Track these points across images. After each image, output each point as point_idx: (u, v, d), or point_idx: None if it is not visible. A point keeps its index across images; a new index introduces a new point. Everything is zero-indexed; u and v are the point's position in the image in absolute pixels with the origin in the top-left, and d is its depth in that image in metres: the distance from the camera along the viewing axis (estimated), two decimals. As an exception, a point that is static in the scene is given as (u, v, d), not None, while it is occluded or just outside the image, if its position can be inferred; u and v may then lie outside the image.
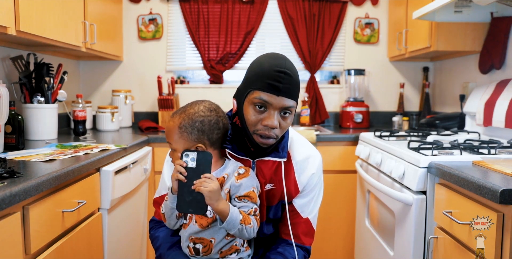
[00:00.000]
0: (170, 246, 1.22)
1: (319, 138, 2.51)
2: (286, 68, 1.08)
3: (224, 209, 1.05)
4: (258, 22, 3.02)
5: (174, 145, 1.12)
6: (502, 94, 2.04)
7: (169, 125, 1.12)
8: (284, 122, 1.12)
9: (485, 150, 1.67)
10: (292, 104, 1.10)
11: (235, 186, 1.11)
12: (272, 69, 1.08)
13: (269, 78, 1.07)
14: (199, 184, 1.03)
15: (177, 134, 1.10)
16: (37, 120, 2.07)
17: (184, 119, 1.10)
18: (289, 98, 1.09)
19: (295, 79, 1.10)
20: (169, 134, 1.13)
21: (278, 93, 1.07)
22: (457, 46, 2.37)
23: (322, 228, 2.60)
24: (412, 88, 3.17)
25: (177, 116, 1.12)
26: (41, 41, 1.85)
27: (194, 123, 1.10)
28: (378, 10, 3.10)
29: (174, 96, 2.86)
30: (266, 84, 1.07)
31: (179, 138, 1.10)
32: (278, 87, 1.07)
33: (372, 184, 1.94)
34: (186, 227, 1.15)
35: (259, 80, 1.09)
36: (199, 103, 1.14)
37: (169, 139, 1.13)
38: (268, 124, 1.09)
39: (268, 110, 1.10)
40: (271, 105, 1.09)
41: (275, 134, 1.12)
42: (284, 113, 1.11)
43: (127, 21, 3.04)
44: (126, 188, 1.90)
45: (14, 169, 1.23)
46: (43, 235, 1.25)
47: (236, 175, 1.12)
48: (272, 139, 1.12)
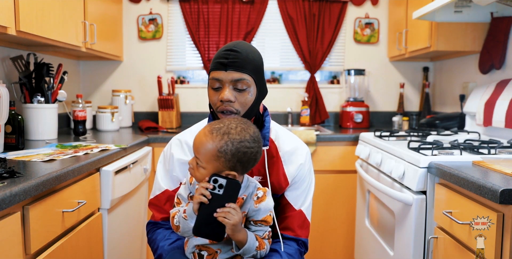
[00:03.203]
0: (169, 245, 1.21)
1: (319, 138, 2.51)
2: (234, 47, 1.15)
3: (243, 239, 1.04)
4: (258, 22, 3.02)
5: (204, 164, 1.03)
6: (502, 94, 2.04)
7: (206, 142, 1.02)
8: (242, 97, 1.15)
9: (485, 150, 1.68)
10: (240, 77, 1.13)
11: (253, 210, 1.08)
12: (221, 51, 1.16)
13: (217, 57, 1.16)
14: (223, 214, 0.99)
15: (214, 156, 1.02)
16: (37, 120, 2.08)
17: (228, 144, 1.02)
18: (238, 71, 1.13)
19: (244, 54, 1.14)
20: (202, 152, 1.03)
21: (225, 68, 1.13)
22: (457, 46, 2.36)
23: (322, 228, 2.60)
24: (412, 88, 3.17)
25: (219, 137, 1.02)
26: (41, 41, 1.85)
27: (237, 152, 1.03)
28: (378, 10, 3.10)
29: (174, 96, 2.86)
30: (215, 63, 1.15)
31: (213, 161, 1.02)
32: (224, 62, 1.13)
33: (372, 184, 1.94)
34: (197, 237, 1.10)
35: (212, 63, 1.18)
36: (245, 129, 1.05)
37: (199, 155, 1.04)
38: (223, 98, 1.13)
39: (223, 87, 1.15)
40: (223, 81, 1.14)
41: (235, 108, 1.15)
42: (239, 88, 1.14)
43: (127, 21, 3.04)
44: (126, 188, 1.90)
45: (14, 169, 1.23)
46: (43, 235, 1.25)
47: (256, 199, 1.08)
48: (232, 113, 1.16)
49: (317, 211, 2.58)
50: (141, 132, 2.60)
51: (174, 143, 1.29)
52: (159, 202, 1.28)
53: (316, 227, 2.59)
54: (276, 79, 3.20)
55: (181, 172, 1.25)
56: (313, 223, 2.57)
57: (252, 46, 1.21)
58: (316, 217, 2.58)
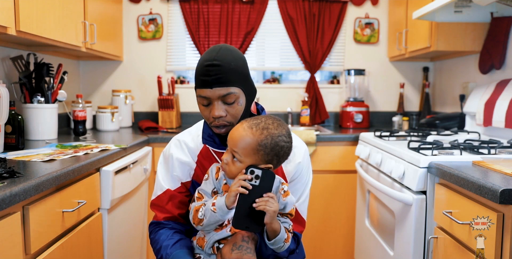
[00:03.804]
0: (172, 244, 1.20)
1: (319, 138, 2.51)
2: (214, 60, 1.11)
3: (277, 229, 1.07)
4: (258, 22, 3.02)
5: (243, 158, 1.06)
6: (502, 94, 2.04)
7: (246, 136, 1.06)
8: (232, 109, 1.15)
9: (485, 150, 1.67)
10: (227, 92, 1.12)
11: (281, 203, 1.11)
12: (202, 65, 1.13)
13: (200, 74, 1.13)
14: (264, 203, 1.01)
15: (253, 150, 1.06)
16: (37, 120, 2.08)
17: (268, 138, 1.06)
18: (224, 86, 1.12)
19: (226, 66, 1.11)
20: (242, 146, 1.06)
21: (210, 86, 1.11)
22: (457, 46, 2.36)
23: (322, 228, 2.60)
24: (412, 88, 3.17)
25: (259, 131, 1.06)
26: (41, 41, 1.85)
27: (276, 146, 1.07)
28: (378, 10, 3.10)
29: (174, 96, 2.86)
30: (199, 81, 1.13)
31: (253, 154, 1.06)
32: (207, 81, 1.11)
33: (372, 184, 1.95)
34: (218, 231, 1.12)
35: (195, 78, 1.15)
36: (281, 125, 1.10)
37: (238, 149, 1.06)
38: (214, 115, 1.13)
39: (212, 103, 1.14)
40: (211, 98, 1.13)
41: (227, 121, 1.15)
42: (228, 102, 1.14)
43: (127, 21, 3.04)
44: (126, 188, 1.90)
45: (14, 169, 1.23)
46: (43, 235, 1.25)
47: (282, 193, 1.11)
48: (225, 127, 1.16)
49: (317, 211, 2.58)
50: (141, 132, 2.60)
51: (174, 144, 1.29)
52: (161, 202, 1.27)
53: (316, 227, 2.59)
54: (276, 79, 3.20)
55: (181, 171, 1.26)
56: (313, 223, 2.57)
57: (232, 49, 1.16)
58: (316, 217, 2.58)
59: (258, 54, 3.14)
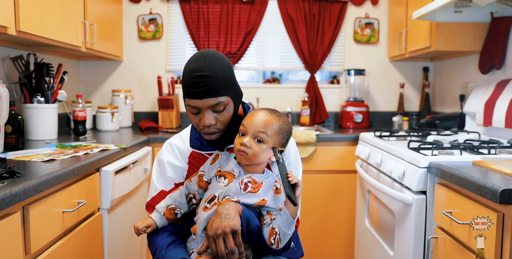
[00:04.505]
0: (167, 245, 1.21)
1: (319, 138, 2.51)
2: (202, 71, 1.13)
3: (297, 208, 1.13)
4: (258, 22, 3.02)
5: (269, 138, 1.15)
6: (502, 94, 2.04)
7: (271, 119, 1.16)
8: (222, 116, 1.19)
9: (485, 150, 1.68)
10: (217, 101, 1.15)
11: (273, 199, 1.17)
12: (190, 76, 1.14)
13: (189, 85, 1.15)
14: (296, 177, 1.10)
15: (277, 131, 1.16)
16: (37, 120, 2.08)
17: (285, 123, 1.19)
18: (213, 96, 1.14)
19: (214, 76, 1.13)
20: (269, 127, 1.15)
21: (200, 97, 1.14)
22: (457, 46, 2.36)
23: (322, 228, 2.60)
24: (412, 88, 3.17)
25: (279, 117, 1.18)
26: (41, 41, 1.85)
27: (289, 132, 1.20)
28: (378, 10, 3.10)
29: (174, 96, 2.86)
30: (188, 91, 1.15)
31: (275, 136, 1.16)
32: (197, 92, 1.13)
33: (372, 184, 1.95)
34: (207, 210, 1.16)
35: (184, 88, 1.18)
36: (283, 114, 1.22)
37: (266, 130, 1.15)
38: (205, 124, 1.17)
39: (202, 111, 1.18)
40: (200, 108, 1.17)
41: (216, 128, 1.20)
42: (218, 110, 1.17)
43: (127, 21, 3.04)
44: (126, 188, 1.90)
45: (14, 169, 1.23)
46: (43, 235, 1.25)
47: (274, 189, 1.18)
48: (215, 134, 1.20)
49: (317, 211, 2.58)
50: (141, 132, 2.60)
51: (165, 148, 1.34)
52: (156, 202, 1.30)
53: (316, 227, 2.59)
54: (276, 79, 3.20)
55: (174, 173, 1.30)
56: (313, 223, 2.57)
57: (218, 56, 1.18)
58: (316, 217, 2.58)
59: (258, 54, 3.14)
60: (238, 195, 1.14)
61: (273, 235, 1.12)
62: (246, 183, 1.15)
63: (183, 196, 1.25)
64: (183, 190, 1.26)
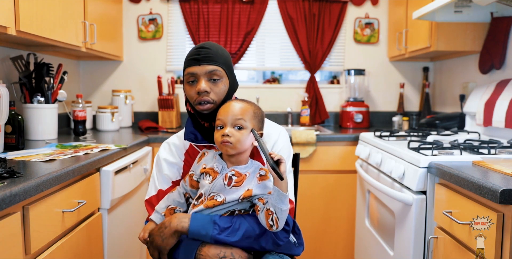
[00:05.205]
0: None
1: (319, 138, 2.51)
2: (204, 45, 1.26)
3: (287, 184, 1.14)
4: (258, 22, 3.02)
5: (247, 122, 1.19)
6: (502, 94, 2.04)
7: (244, 105, 1.21)
8: (216, 87, 1.24)
9: (485, 150, 1.68)
10: (214, 68, 1.23)
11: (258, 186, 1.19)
12: (193, 50, 1.27)
13: (190, 55, 1.26)
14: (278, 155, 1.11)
15: (253, 115, 1.21)
16: (37, 120, 2.08)
17: (258, 109, 1.24)
18: (210, 64, 1.23)
19: (214, 50, 1.25)
20: (244, 113, 1.20)
21: (199, 63, 1.23)
22: (457, 46, 2.36)
23: (322, 228, 2.60)
24: (412, 88, 3.17)
25: (250, 103, 1.24)
26: (41, 41, 1.85)
27: (263, 116, 1.26)
28: (378, 10, 3.10)
29: (174, 96, 2.86)
30: (189, 61, 1.26)
31: (252, 119, 1.21)
32: (197, 58, 1.24)
33: (372, 184, 1.95)
34: (195, 208, 1.20)
35: (185, 62, 1.28)
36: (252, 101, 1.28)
37: (241, 115, 1.19)
38: (200, 89, 1.22)
39: (198, 80, 1.24)
40: (197, 74, 1.23)
41: (211, 98, 1.24)
42: (213, 79, 1.24)
43: (127, 21, 3.04)
44: (126, 188, 1.90)
45: (14, 169, 1.23)
46: (43, 235, 1.25)
47: (258, 176, 1.20)
48: (209, 103, 1.24)
49: (317, 211, 2.58)
50: (141, 132, 2.60)
51: (163, 147, 1.40)
52: (153, 200, 1.34)
53: (316, 227, 2.59)
54: (276, 79, 3.20)
55: (170, 171, 1.35)
56: (313, 223, 2.57)
57: (220, 46, 1.31)
58: (316, 217, 2.58)
59: (258, 54, 3.14)
60: (223, 192, 1.17)
61: (270, 216, 1.13)
62: (230, 177, 1.19)
63: (181, 196, 1.29)
64: (180, 190, 1.29)
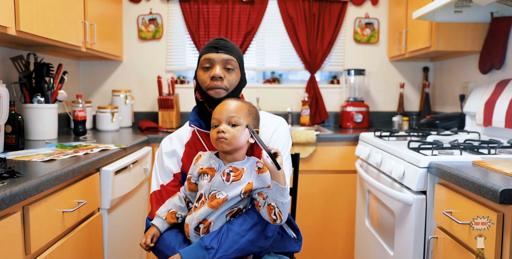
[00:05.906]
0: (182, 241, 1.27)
1: (319, 138, 2.51)
2: (223, 38, 1.34)
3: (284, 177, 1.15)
4: (258, 22, 3.02)
5: (241, 119, 1.21)
6: (502, 94, 2.04)
7: (238, 103, 1.23)
8: (230, 76, 1.30)
9: (485, 150, 1.67)
10: (230, 58, 1.30)
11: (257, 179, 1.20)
12: (212, 40, 1.34)
13: (210, 44, 1.33)
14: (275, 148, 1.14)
15: (247, 112, 1.23)
16: (37, 120, 2.07)
17: (253, 107, 1.27)
18: (227, 53, 1.30)
19: (232, 44, 1.33)
20: (239, 111, 1.22)
21: (217, 51, 1.30)
22: (457, 46, 2.36)
23: (322, 228, 2.60)
24: (412, 88, 3.17)
25: (245, 102, 1.26)
26: (41, 41, 1.85)
27: (257, 113, 1.28)
28: (378, 10, 3.10)
29: (174, 96, 2.86)
30: (208, 47, 1.32)
31: (247, 116, 1.23)
32: (216, 46, 1.31)
33: (372, 184, 1.95)
34: (197, 210, 1.21)
35: (203, 49, 1.33)
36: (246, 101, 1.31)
37: (235, 113, 1.21)
38: (215, 74, 1.27)
39: (213, 66, 1.29)
40: (214, 60, 1.29)
41: (224, 85, 1.29)
42: (227, 68, 1.30)
43: (127, 21, 3.04)
44: (126, 188, 1.90)
45: (14, 169, 1.23)
46: (43, 235, 1.25)
47: (257, 169, 1.21)
48: (222, 89, 1.29)
49: (317, 211, 2.58)
50: (141, 132, 2.60)
51: (164, 141, 1.43)
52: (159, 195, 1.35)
53: (316, 227, 2.59)
54: (276, 79, 3.20)
55: (171, 162, 1.37)
56: (313, 223, 2.57)
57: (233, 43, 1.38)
58: (316, 217, 2.58)
59: (258, 54, 3.13)
60: (223, 188, 1.18)
61: (272, 211, 1.14)
62: (228, 173, 1.20)
63: (182, 201, 1.30)
64: (181, 195, 1.30)
